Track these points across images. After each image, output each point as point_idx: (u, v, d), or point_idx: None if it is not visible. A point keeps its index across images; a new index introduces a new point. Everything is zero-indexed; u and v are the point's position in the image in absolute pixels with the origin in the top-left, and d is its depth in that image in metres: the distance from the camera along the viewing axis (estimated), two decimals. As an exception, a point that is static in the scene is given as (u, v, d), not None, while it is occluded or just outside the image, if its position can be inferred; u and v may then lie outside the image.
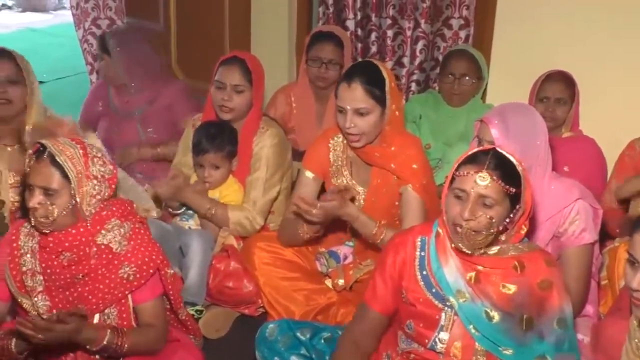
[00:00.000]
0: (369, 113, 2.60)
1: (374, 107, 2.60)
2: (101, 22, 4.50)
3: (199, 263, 2.84)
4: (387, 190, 2.76)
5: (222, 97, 3.01)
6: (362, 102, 2.58)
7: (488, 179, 1.96)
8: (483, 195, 1.97)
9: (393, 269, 2.18)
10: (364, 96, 2.58)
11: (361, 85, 2.58)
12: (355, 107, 2.59)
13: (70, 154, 2.07)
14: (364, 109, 2.59)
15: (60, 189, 2.07)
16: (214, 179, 3.02)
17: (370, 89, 2.58)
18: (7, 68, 2.74)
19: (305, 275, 2.87)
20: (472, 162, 2.00)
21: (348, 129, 2.61)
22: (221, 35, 4.43)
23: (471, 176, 1.97)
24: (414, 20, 3.86)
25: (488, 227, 1.98)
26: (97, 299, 2.15)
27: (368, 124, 2.62)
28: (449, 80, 3.52)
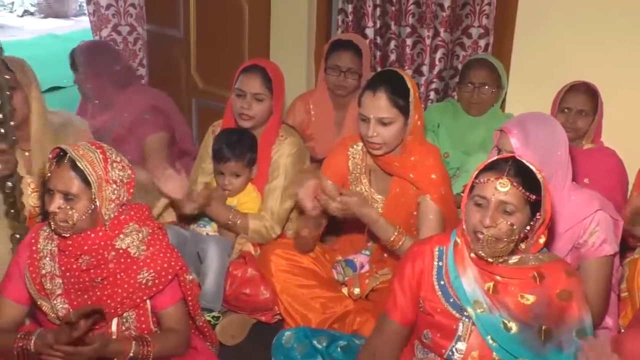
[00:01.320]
0: (392, 123, 2.61)
1: (397, 117, 2.61)
2: (122, 29, 4.52)
3: (216, 269, 2.84)
4: (405, 200, 2.76)
5: (242, 105, 3.03)
6: (386, 111, 2.59)
7: (508, 185, 1.96)
8: (504, 202, 1.97)
9: (412, 278, 2.18)
10: (388, 106, 2.59)
11: (386, 95, 2.58)
12: (379, 116, 2.59)
13: (91, 159, 2.09)
14: (387, 119, 2.60)
15: (80, 193, 2.09)
16: (233, 187, 3.03)
17: (394, 98, 2.59)
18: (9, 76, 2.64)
19: (322, 283, 2.87)
20: (492, 169, 2.01)
21: (370, 138, 2.62)
22: (240, 42, 4.44)
23: (491, 183, 1.98)
24: (433, 29, 3.85)
25: (509, 234, 1.97)
26: (115, 303, 2.16)
27: (390, 133, 2.62)
28: (469, 89, 3.51)
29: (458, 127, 3.59)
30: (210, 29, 4.63)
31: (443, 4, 3.78)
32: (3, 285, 2.27)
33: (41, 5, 12.39)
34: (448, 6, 3.78)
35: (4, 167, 2.46)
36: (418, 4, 3.87)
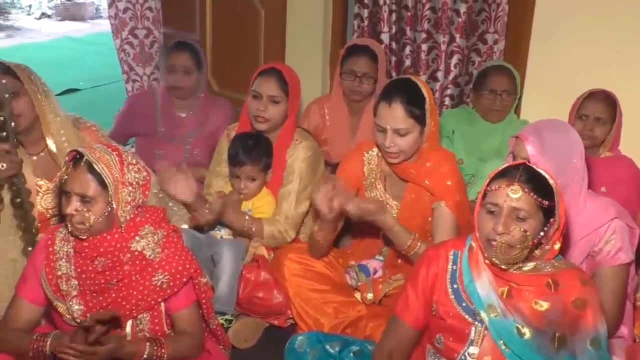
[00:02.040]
0: (409, 133, 2.61)
1: (413, 127, 2.61)
2: (138, 32, 4.57)
3: (229, 273, 2.85)
4: (420, 206, 2.76)
5: (257, 107, 3.04)
6: (403, 122, 2.59)
7: (520, 192, 1.96)
8: (516, 208, 1.97)
9: (425, 282, 2.18)
10: (405, 117, 2.58)
11: (402, 106, 2.58)
12: (396, 127, 2.59)
13: (107, 162, 2.10)
14: (404, 130, 2.59)
15: (96, 196, 2.10)
16: (249, 191, 3.04)
17: (410, 109, 2.58)
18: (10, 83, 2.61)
19: (335, 287, 2.86)
20: (504, 176, 2.01)
21: (388, 148, 2.61)
22: (256, 46, 4.46)
23: (503, 189, 1.98)
24: (449, 35, 3.85)
25: (522, 241, 1.97)
26: (130, 305, 2.17)
27: (408, 143, 2.62)
28: (490, 96, 3.50)
29: (473, 134, 3.58)
30: (226, 33, 4.65)
31: (459, 9, 3.79)
32: (19, 287, 2.28)
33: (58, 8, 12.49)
34: (464, 12, 3.78)
35: (9, 167, 2.48)
36: (434, 10, 3.88)
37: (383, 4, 3.97)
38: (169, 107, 3.77)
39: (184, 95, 3.75)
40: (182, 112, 3.79)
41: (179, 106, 3.78)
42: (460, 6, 3.78)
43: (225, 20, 4.65)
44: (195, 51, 3.73)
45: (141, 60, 4.63)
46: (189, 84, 3.70)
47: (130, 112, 3.83)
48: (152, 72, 4.67)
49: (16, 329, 2.23)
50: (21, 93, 2.60)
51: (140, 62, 4.62)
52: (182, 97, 3.75)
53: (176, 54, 3.69)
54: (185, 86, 3.70)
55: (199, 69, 3.71)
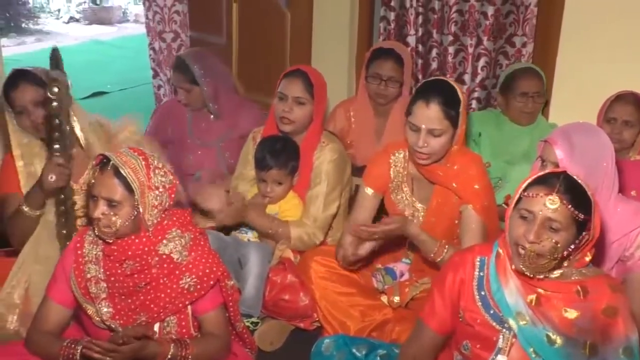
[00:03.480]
0: (443, 134, 2.58)
1: (448, 129, 2.59)
2: (166, 36, 4.58)
3: (256, 275, 2.85)
4: (448, 209, 2.74)
5: (283, 108, 3.04)
6: (438, 123, 2.57)
7: (558, 203, 1.92)
8: (550, 219, 1.93)
9: (452, 287, 2.16)
10: (441, 117, 2.56)
11: (439, 106, 2.55)
12: (431, 127, 2.57)
13: (134, 166, 2.11)
14: (438, 130, 2.57)
15: (123, 200, 2.11)
16: (275, 195, 3.05)
17: (447, 110, 2.56)
18: (31, 91, 2.70)
19: (361, 291, 2.86)
20: (542, 184, 1.97)
21: (420, 149, 2.60)
22: (282, 49, 4.47)
23: (540, 198, 1.94)
24: (476, 37, 3.82)
25: (552, 252, 1.94)
26: (158, 307, 2.19)
27: (440, 144, 2.60)
28: (521, 100, 3.46)
29: (501, 137, 3.55)
30: (252, 36, 4.67)
31: (487, 12, 3.76)
32: (49, 287, 2.30)
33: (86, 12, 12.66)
34: (491, 14, 3.75)
35: (58, 179, 2.51)
36: (461, 13, 3.86)
37: (410, 6, 3.96)
38: (199, 113, 3.77)
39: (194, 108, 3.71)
40: (209, 116, 3.77)
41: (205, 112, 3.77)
42: (488, 9, 3.76)
43: (251, 24, 4.66)
44: (186, 68, 3.61)
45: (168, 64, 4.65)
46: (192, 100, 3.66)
47: (161, 121, 3.82)
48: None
49: (46, 331, 2.25)
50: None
51: (167, 66, 4.63)
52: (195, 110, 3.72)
53: (174, 73, 3.70)
54: (190, 102, 3.67)
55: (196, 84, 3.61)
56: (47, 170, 2.51)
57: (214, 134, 3.73)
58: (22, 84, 2.69)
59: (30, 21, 12.11)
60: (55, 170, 2.50)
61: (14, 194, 2.70)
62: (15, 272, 2.66)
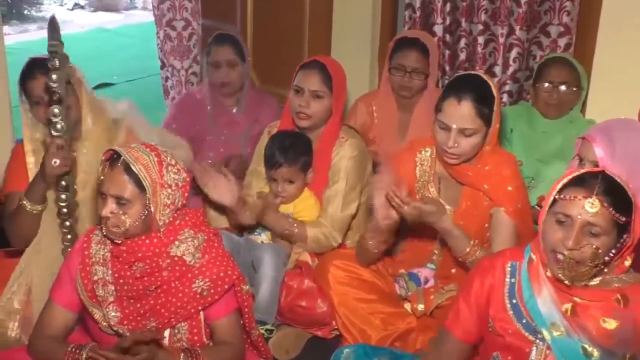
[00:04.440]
0: (475, 134, 2.58)
1: (480, 128, 2.58)
2: (176, 24, 4.60)
3: (271, 279, 2.86)
4: (478, 212, 2.73)
5: (299, 102, 3.04)
6: (471, 122, 2.55)
7: (598, 206, 1.90)
8: (590, 224, 1.91)
9: (480, 294, 2.15)
10: (474, 116, 2.55)
11: (472, 104, 2.54)
12: (462, 127, 2.56)
13: (145, 162, 2.11)
14: (470, 130, 2.56)
15: (133, 198, 2.11)
16: (288, 194, 3.04)
17: (480, 108, 2.55)
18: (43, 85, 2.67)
19: (383, 297, 2.85)
20: (579, 185, 1.94)
21: (450, 149, 2.59)
22: (300, 39, 4.47)
23: (579, 201, 1.92)
24: (508, 27, 3.80)
25: (593, 258, 1.92)
26: (169, 312, 2.19)
27: (471, 144, 2.59)
28: (546, 88, 3.43)
29: (533, 133, 3.52)
30: (268, 24, 4.67)
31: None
32: (53, 289, 2.32)
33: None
34: (525, 2, 3.72)
35: (62, 163, 2.49)
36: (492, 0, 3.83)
37: (436, -7, 3.95)
38: (222, 106, 3.80)
39: (231, 90, 3.76)
40: (232, 108, 3.82)
41: (228, 104, 3.81)
42: (521, -5, 3.74)
43: (267, 11, 4.66)
44: (237, 42, 3.76)
45: (178, 53, 4.67)
46: (235, 78, 3.73)
47: (179, 116, 3.81)
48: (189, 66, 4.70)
49: (50, 335, 2.26)
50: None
51: (177, 56, 4.66)
52: (229, 94, 3.77)
53: (218, 48, 3.72)
54: (232, 80, 3.72)
55: (243, 61, 3.74)
56: (50, 155, 2.48)
57: (238, 128, 3.76)
58: (39, 74, 2.68)
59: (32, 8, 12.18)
60: (58, 154, 2.48)
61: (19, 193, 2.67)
62: (16, 276, 2.68)
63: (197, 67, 4.72)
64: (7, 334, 2.63)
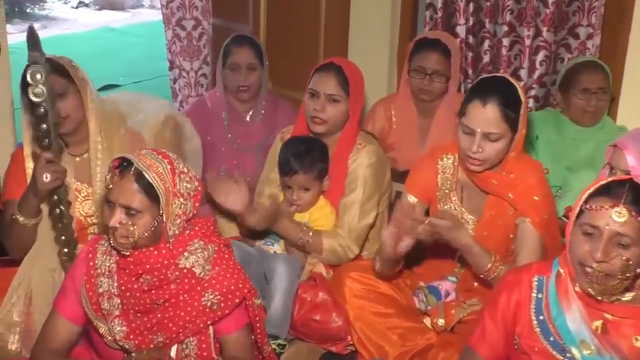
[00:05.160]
0: (500, 139, 2.57)
1: (506, 133, 2.57)
2: (186, 23, 4.62)
3: (283, 292, 2.86)
4: (502, 222, 2.72)
5: (314, 106, 3.04)
6: (496, 126, 2.55)
7: (626, 215, 1.89)
8: (619, 234, 1.91)
9: (506, 311, 2.15)
10: (499, 120, 2.54)
11: (498, 108, 2.53)
12: (487, 131, 2.55)
13: (158, 170, 2.10)
14: (495, 134, 2.55)
15: (143, 209, 2.11)
16: (303, 202, 3.04)
17: (506, 112, 2.54)
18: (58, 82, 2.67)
19: (402, 311, 2.84)
20: (606, 194, 1.94)
21: (473, 154, 2.58)
22: (315, 39, 4.47)
23: (605, 211, 1.92)
24: (534, 28, 3.79)
25: (624, 270, 1.91)
26: (177, 327, 2.19)
27: (496, 150, 2.58)
28: (583, 96, 3.43)
29: (561, 140, 3.52)
30: (282, 23, 4.68)
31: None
32: (57, 301, 2.32)
33: (97, -5, 12.81)
34: (552, 2, 3.72)
35: (53, 178, 2.50)
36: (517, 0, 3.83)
37: (459, -8, 3.95)
38: (236, 113, 3.79)
39: (249, 96, 3.75)
40: (247, 116, 3.81)
41: (243, 110, 3.81)
42: (548, -5, 3.73)
43: (281, 10, 4.67)
44: (257, 45, 3.76)
45: (188, 54, 4.69)
46: (253, 82, 3.72)
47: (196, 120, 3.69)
48: (199, 68, 4.72)
49: (52, 349, 2.27)
50: (69, 92, 2.68)
51: (186, 57, 4.68)
52: (245, 99, 3.77)
53: (238, 50, 3.71)
54: (251, 85, 3.71)
55: (262, 64, 3.74)
56: (40, 170, 2.49)
57: (254, 137, 3.76)
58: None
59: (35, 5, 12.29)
60: (49, 168, 2.49)
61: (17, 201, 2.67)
62: (15, 287, 2.68)
63: (207, 68, 4.73)
64: (8, 347, 2.63)
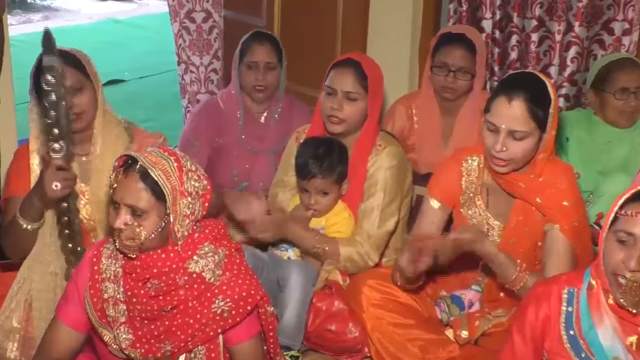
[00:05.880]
0: (526, 138, 2.56)
1: (533, 131, 2.56)
2: (196, 15, 4.62)
3: (297, 300, 2.86)
4: (530, 229, 2.72)
5: (331, 105, 3.04)
6: (523, 124, 2.54)
7: None
8: None
9: (534, 325, 2.15)
10: (526, 118, 2.54)
11: (525, 104, 2.53)
12: (513, 128, 2.54)
13: (165, 168, 2.11)
14: (521, 133, 2.55)
15: (149, 208, 2.11)
16: (321, 207, 3.05)
17: (534, 109, 2.54)
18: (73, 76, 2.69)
19: (422, 322, 2.84)
20: None
21: (497, 153, 2.58)
22: (332, 34, 4.49)
23: None
24: (565, 22, 3.79)
25: None
26: (186, 335, 2.19)
27: (522, 149, 2.58)
28: (622, 96, 3.41)
29: (593, 142, 3.51)
30: (297, 17, 4.70)
31: (579, -8, 3.73)
32: (59, 307, 2.34)
33: (102, -14, 12.85)
34: (586, -6, 3.72)
35: (63, 186, 2.49)
36: (547, -8, 3.83)
37: (486, -16, 3.95)
38: (250, 113, 3.80)
39: (266, 96, 3.77)
40: (261, 117, 3.83)
41: (257, 110, 3.82)
42: (582, -13, 3.73)
43: (296, 2, 4.69)
44: (277, 43, 3.77)
45: (197, 48, 4.70)
46: (272, 82, 3.73)
47: (203, 129, 3.79)
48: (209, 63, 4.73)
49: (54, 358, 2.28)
50: (85, 88, 2.71)
51: (196, 51, 4.69)
52: (262, 99, 3.78)
53: (257, 47, 3.71)
54: (268, 85, 3.72)
55: (281, 64, 3.74)
56: (50, 178, 2.47)
57: (268, 141, 3.77)
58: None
59: (37, -5, 12.37)
60: (58, 175, 2.48)
61: (19, 198, 2.67)
62: (14, 293, 2.67)
63: (217, 63, 4.74)
64: (6, 355, 2.64)
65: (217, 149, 3.74)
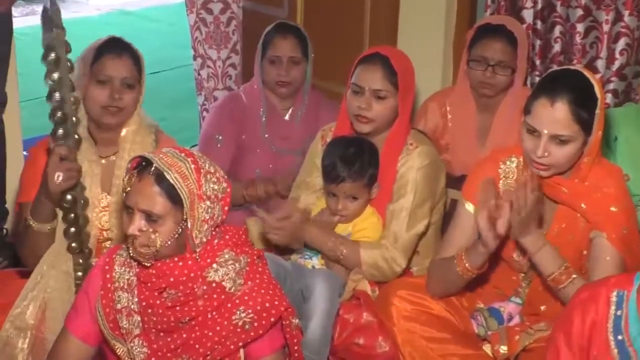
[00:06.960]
0: (571, 141, 2.56)
1: (577, 135, 2.56)
2: (213, 6, 4.65)
3: (323, 312, 2.87)
4: (574, 237, 2.72)
5: (359, 104, 3.05)
6: (566, 128, 2.54)
7: None
8: None
9: (581, 333, 2.14)
10: (570, 121, 2.54)
11: (568, 107, 2.53)
12: (555, 133, 2.55)
13: (181, 170, 2.12)
14: (565, 137, 2.55)
15: (165, 213, 2.13)
16: (349, 212, 3.06)
17: (578, 112, 2.53)
18: (128, 68, 2.82)
19: (458, 336, 2.84)
20: None
21: (539, 158, 2.58)
22: (360, 25, 4.49)
23: None
24: (614, 12, 3.77)
25: None
26: (204, 349, 2.20)
27: (566, 154, 2.58)
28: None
29: (644, 141, 3.50)
30: (322, 7, 4.71)
31: (629, -22, 3.71)
32: (69, 318, 2.36)
33: (110, -25, 12.92)
34: (636, -19, 3.70)
35: (66, 178, 2.52)
36: (594, -21, 3.82)
37: (526, -29, 3.95)
38: (274, 110, 3.83)
39: (290, 92, 3.79)
40: (286, 114, 3.86)
41: (281, 107, 3.85)
42: (632, -27, 3.71)
43: (321, -8, 4.71)
44: (302, 36, 3.79)
45: (215, 41, 4.73)
46: (296, 78, 3.75)
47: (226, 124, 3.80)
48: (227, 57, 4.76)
49: None
50: (135, 87, 2.81)
51: (213, 44, 4.72)
52: (286, 95, 3.80)
53: (281, 41, 3.74)
54: (293, 80, 3.75)
55: (307, 58, 3.77)
56: (52, 169, 2.50)
57: (294, 140, 3.79)
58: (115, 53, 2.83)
59: (41, -14, 12.45)
60: (62, 166, 2.51)
61: None
62: (30, 288, 2.67)
63: (236, 57, 4.77)
64: (15, 354, 2.63)
65: (240, 146, 3.75)
